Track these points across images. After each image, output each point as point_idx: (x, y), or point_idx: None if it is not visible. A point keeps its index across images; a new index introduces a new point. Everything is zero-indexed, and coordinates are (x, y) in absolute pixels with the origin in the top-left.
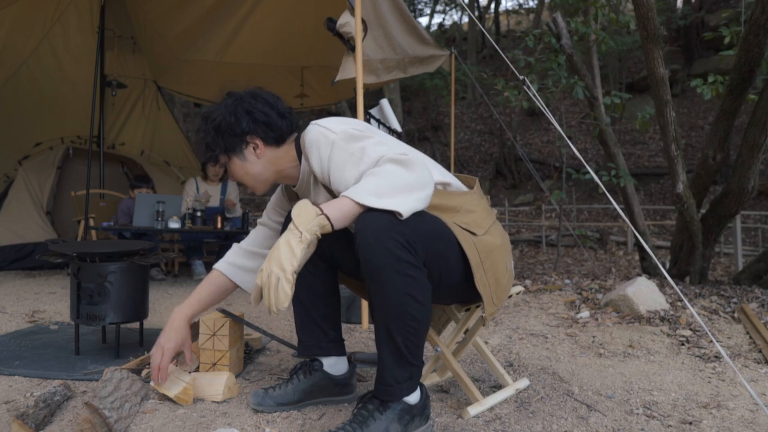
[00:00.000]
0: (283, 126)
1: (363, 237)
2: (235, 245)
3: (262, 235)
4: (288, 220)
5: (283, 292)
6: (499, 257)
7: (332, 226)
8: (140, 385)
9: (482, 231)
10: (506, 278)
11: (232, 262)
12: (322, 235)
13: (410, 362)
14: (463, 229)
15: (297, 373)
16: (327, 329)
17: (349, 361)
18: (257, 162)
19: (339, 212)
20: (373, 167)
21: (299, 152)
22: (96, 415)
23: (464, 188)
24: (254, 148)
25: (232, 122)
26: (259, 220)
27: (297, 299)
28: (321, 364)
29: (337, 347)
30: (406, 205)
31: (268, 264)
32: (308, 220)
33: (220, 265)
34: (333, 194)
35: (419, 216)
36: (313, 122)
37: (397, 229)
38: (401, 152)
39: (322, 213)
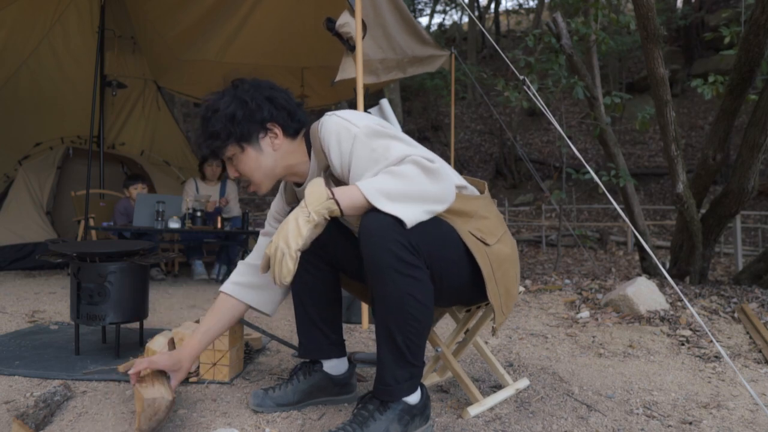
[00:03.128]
0: (302, 117)
1: (366, 236)
2: (240, 263)
3: (266, 245)
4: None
5: (287, 267)
6: (509, 267)
7: (341, 212)
8: None
9: (494, 239)
10: (515, 287)
11: (238, 282)
12: (328, 237)
13: (411, 362)
14: (477, 238)
15: (297, 373)
16: (328, 332)
17: (349, 361)
18: (272, 154)
19: (350, 201)
20: (396, 165)
21: (308, 147)
22: None
23: (477, 193)
24: (273, 138)
25: (252, 108)
26: (261, 231)
27: (299, 301)
28: (321, 365)
29: (337, 349)
30: (412, 215)
31: (277, 237)
32: (318, 201)
33: (226, 287)
34: None
35: None
36: (330, 113)
37: (399, 230)
38: (428, 158)
39: (333, 197)
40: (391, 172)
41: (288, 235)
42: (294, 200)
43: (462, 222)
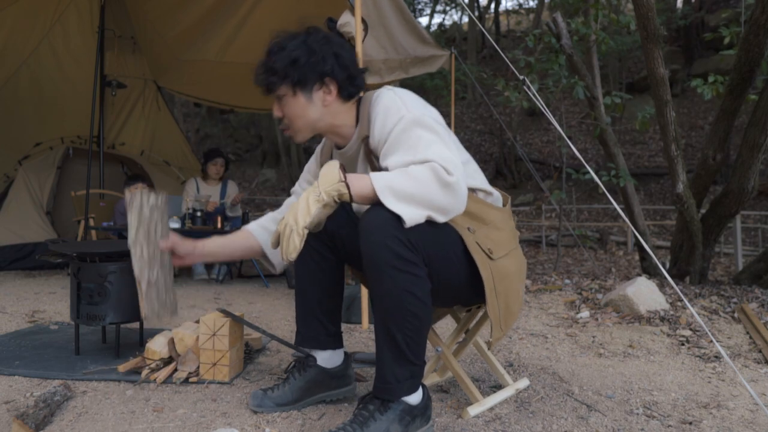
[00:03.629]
0: (360, 84)
1: (365, 232)
2: (268, 213)
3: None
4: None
5: (293, 244)
6: (511, 284)
7: (351, 197)
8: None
9: (501, 253)
10: (517, 305)
11: (260, 224)
12: (336, 228)
13: (411, 361)
14: (482, 250)
15: (292, 371)
16: (327, 324)
17: (345, 353)
18: (320, 108)
19: (360, 188)
20: (417, 165)
21: (358, 116)
22: None
23: (500, 203)
24: (326, 94)
25: (318, 58)
26: (292, 189)
27: (301, 290)
28: (315, 360)
29: (334, 341)
30: (413, 216)
31: (287, 215)
32: (330, 182)
33: (249, 225)
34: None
35: None
36: (389, 88)
37: (398, 227)
38: (451, 169)
39: (344, 181)
40: (408, 173)
41: (297, 213)
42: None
43: (476, 226)
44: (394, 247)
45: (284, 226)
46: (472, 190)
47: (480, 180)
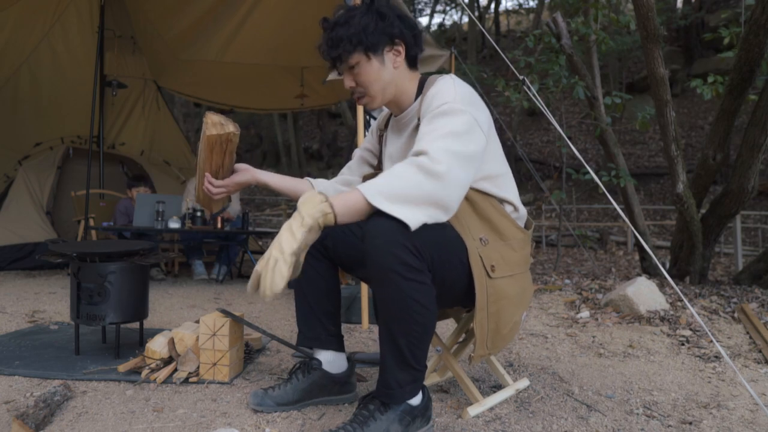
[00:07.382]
0: (421, 45)
1: (371, 239)
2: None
3: (354, 163)
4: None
5: (279, 273)
6: (507, 307)
7: (335, 216)
8: None
9: (504, 273)
10: (508, 329)
11: (321, 180)
12: (327, 232)
13: (413, 366)
14: (483, 265)
15: (296, 372)
16: (327, 324)
17: (348, 360)
18: (391, 70)
19: (345, 206)
20: (400, 163)
21: (419, 92)
22: None
23: (523, 223)
24: (395, 55)
25: (388, 22)
26: (343, 169)
27: (300, 291)
28: (320, 363)
29: (336, 341)
30: (414, 217)
31: (270, 250)
32: (312, 205)
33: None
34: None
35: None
36: (452, 76)
37: (404, 233)
38: (441, 158)
39: (327, 201)
40: (391, 173)
41: (282, 243)
42: (384, 127)
43: (492, 237)
44: (400, 254)
45: (267, 260)
46: (500, 201)
47: (512, 194)
